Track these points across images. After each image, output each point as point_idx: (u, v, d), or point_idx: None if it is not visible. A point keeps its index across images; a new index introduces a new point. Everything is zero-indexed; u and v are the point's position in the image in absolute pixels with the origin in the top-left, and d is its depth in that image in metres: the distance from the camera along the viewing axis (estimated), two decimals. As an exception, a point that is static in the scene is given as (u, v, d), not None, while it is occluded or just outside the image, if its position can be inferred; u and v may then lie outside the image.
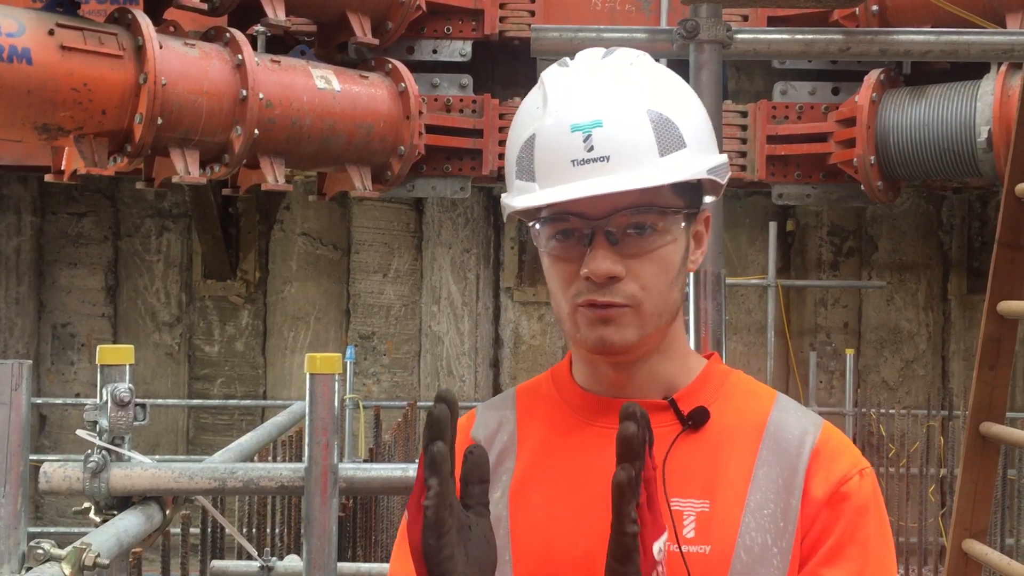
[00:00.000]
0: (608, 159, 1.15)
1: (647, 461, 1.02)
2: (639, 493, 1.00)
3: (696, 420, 1.22)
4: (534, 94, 1.23)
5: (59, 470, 2.08)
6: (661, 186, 1.17)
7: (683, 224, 1.21)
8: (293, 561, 3.22)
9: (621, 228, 1.17)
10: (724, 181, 1.23)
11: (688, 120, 1.20)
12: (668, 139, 1.17)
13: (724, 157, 1.25)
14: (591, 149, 1.15)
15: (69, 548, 1.75)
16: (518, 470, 1.25)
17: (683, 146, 1.18)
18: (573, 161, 1.15)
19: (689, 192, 1.22)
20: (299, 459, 4.19)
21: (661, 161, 1.16)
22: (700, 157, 1.20)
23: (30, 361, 1.83)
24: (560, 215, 1.18)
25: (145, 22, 4.79)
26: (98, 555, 1.76)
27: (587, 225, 1.17)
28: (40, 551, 1.69)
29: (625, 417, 1.01)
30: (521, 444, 1.26)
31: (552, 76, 1.22)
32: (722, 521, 1.18)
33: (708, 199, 1.27)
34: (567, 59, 1.25)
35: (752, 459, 1.21)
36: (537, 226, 1.21)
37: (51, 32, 4.49)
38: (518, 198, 1.19)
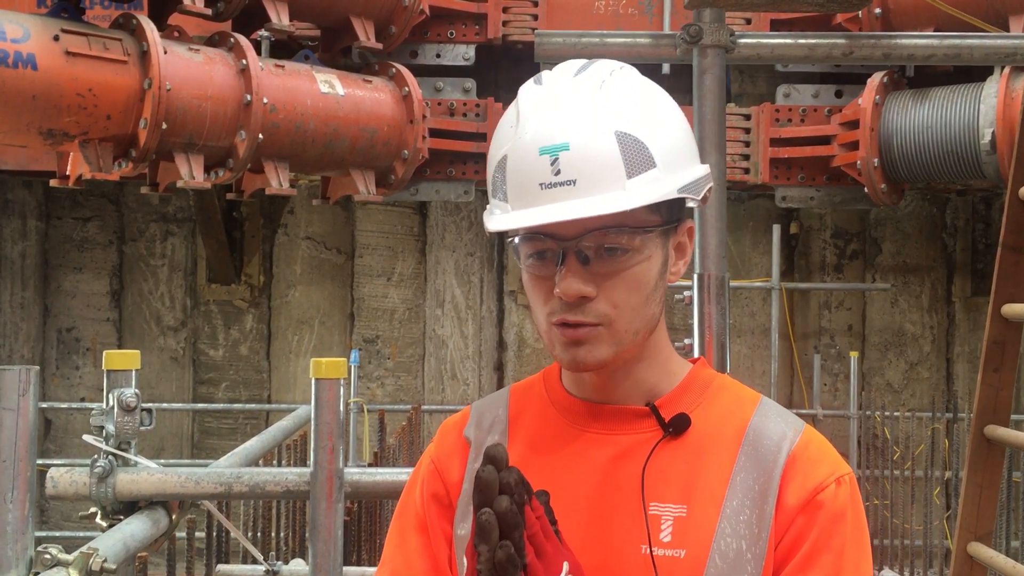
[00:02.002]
0: (575, 183, 1.15)
1: (528, 516, 1.04)
2: (524, 556, 1.02)
3: (677, 427, 1.24)
4: (510, 111, 1.25)
5: (66, 475, 2.09)
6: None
7: (658, 240, 1.22)
8: (298, 565, 3.23)
9: (592, 248, 1.19)
10: (700, 196, 1.24)
11: (660, 138, 1.19)
12: (636, 160, 1.17)
13: (702, 170, 1.25)
14: (558, 173, 1.16)
15: (76, 553, 1.75)
16: None
17: (652, 166, 1.18)
18: (541, 184, 1.16)
19: (667, 207, 1.22)
20: (304, 463, 4.19)
21: (629, 183, 1.16)
22: (671, 175, 1.20)
23: (37, 367, 1.84)
24: (533, 235, 1.20)
25: (149, 27, 4.80)
26: (105, 560, 1.77)
27: (558, 246, 1.19)
28: (48, 556, 1.69)
29: (491, 492, 1.01)
30: (511, 444, 1.29)
31: (526, 94, 1.23)
32: (698, 526, 1.20)
33: (692, 204, 1.27)
34: (544, 74, 1.25)
35: (731, 464, 1.23)
36: (516, 241, 1.23)
37: (56, 38, 4.50)
38: (491, 220, 1.22)
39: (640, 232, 1.19)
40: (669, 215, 1.23)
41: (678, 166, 1.21)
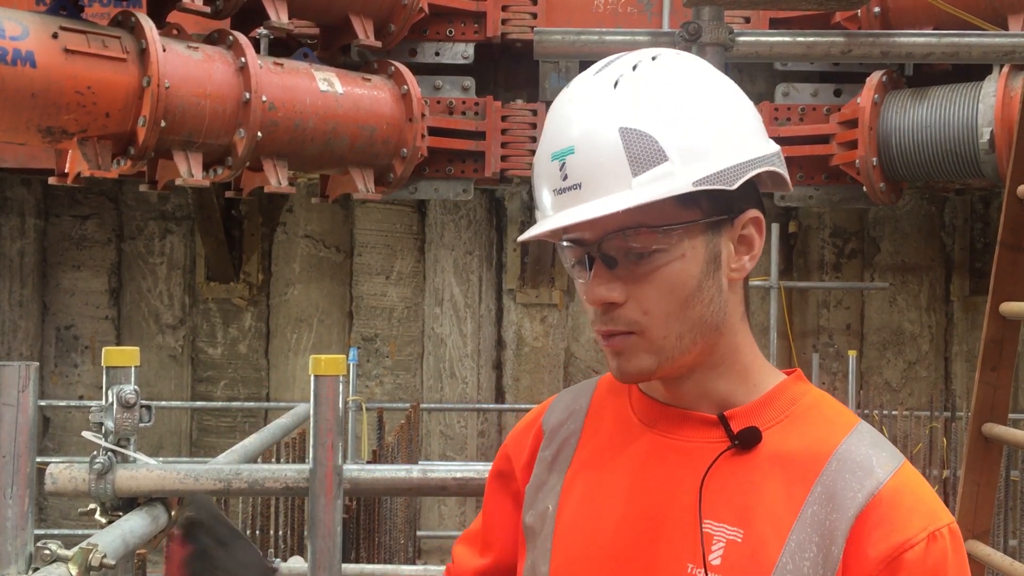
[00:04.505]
0: (580, 186, 1.10)
1: None
2: None
3: (744, 441, 1.13)
4: None
5: (65, 471, 2.09)
6: (654, 203, 1.08)
7: (699, 237, 1.12)
8: (297, 562, 3.23)
9: (617, 252, 1.12)
10: (734, 185, 1.11)
11: (677, 128, 1.10)
12: (643, 155, 1.08)
13: (748, 154, 1.13)
14: (566, 178, 1.11)
15: (76, 549, 1.76)
16: (576, 461, 1.24)
17: (662, 160, 1.09)
18: (554, 191, 1.12)
19: (708, 199, 1.12)
20: (302, 461, 4.20)
21: (635, 181, 1.08)
22: (690, 167, 1.09)
23: (37, 363, 1.85)
24: (568, 243, 1.15)
25: (148, 25, 4.80)
26: (104, 556, 1.77)
27: (584, 251, 1.13)
28: (47, 552, 1.70)
29: None
30: (585, 435, 1.25)
31: (556, 99, 1.18)
32: (754, 556, 1.09)
33: (779, 192, 1.18)
34: (578, 76, 1.19)
35: (804, 494, 1.10)
36: (564, 246, 1.17)
37: (55, 35, 4.50)
38: (525, 232, 1.17)
39: (663, 231, 1.10)
40: (712, 208, 1.12)
41: (703, 156, 1.10)
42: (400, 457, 5.49)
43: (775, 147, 1.18)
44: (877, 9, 6.32)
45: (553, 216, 1.12)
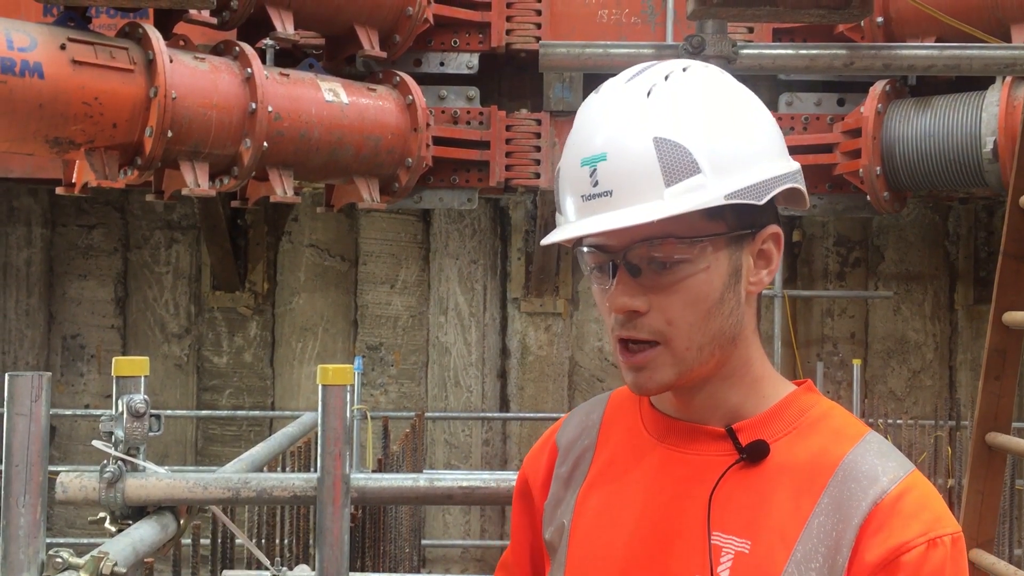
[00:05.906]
0: (611, 194, 1.10)
1: None
2: None
3: (752, 454, 1.14)
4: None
5: (75, 480, 2.11)
6: (683, 215, 1.09)
7: (724, 250, 1.13)
8: (303, 571, 3.24)
9: (642, 260, 1.12)
10: (763, 200, 1.13)
11: (710, 141, 1.11)
12: (676, 166, 1.09)
13: (775, 170, 1.15)
14: (596, 184, 1.11)
15: (87, 557, 1.77)
16: (590, 476, 1.25)
17: (695, 172, 1.09)
18: (583, 196, 1.13)
19: (734, 213, 1.13)
20: (308, 470, 4.21)
21: (667, 192, 1.09)
22: (721, 180, 1.10)
23: (49, 373, 1.87)
24: (590, 248, 1.15)
25: (155, 36, 4.83)
26: (115, 564, 1.79)
27: (608, 258, 1.14)
28: (59, 560, 1.71)
29: None
30: (599, 450, 1.26)
31: (583, 105, 1.19)
32: (761, 567, 1.10)
33: (796, 211, 1.22)
34: (605, 83, 1.19)
35: (811, 505, 1.11)
36: (580, 254, 1.18)
37: (63, 46, 4.53)
38: (548, 235, 1.18)
39: (690, 242, 1.11)
40: (737, 221, 1.14)
41: (734, 170, 1.11)
42: (405, 466, 5.50)
43: (796, 165, 1.20)
44: (880, 19, 6.34)
45: (581, 221, 1.13)
